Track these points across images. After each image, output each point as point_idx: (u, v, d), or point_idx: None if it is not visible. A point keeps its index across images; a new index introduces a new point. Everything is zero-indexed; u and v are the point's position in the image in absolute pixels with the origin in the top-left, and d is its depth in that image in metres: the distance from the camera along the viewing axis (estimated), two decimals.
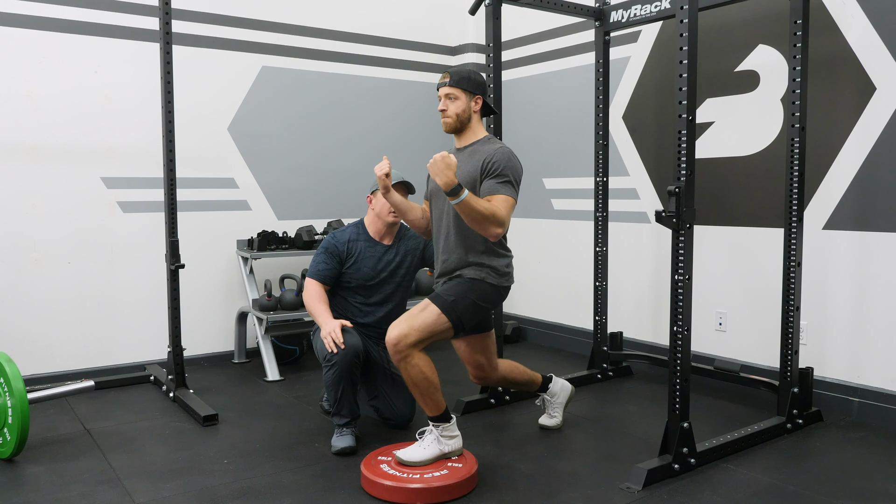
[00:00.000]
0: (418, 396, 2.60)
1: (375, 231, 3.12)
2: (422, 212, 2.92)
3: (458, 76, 2.69)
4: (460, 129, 2.73)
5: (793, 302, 3.11)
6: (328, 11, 4.75)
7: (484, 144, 2.70)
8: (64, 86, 3.86)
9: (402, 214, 2.92)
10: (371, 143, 4.91)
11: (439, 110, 2.72)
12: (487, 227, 2.48)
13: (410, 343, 2.52)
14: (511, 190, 2.57)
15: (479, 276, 2.66)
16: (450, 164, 2.40)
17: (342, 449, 2.85)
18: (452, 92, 2.68)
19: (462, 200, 2.40)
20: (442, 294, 2.64)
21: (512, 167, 2.60)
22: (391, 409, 3.13)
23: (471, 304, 2.64)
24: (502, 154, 2.61)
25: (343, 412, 2.91)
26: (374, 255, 3.10)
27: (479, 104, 2.73)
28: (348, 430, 2.92)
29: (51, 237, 3.86)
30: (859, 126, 3.22)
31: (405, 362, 2.54)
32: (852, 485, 2.56)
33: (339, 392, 2.86)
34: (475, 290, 2.65)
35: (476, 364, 2.97)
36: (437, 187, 2.70)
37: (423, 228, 2.95)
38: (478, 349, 2.93)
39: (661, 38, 4.05)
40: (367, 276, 3.08)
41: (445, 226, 2.72)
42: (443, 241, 2.73)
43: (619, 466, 2.71)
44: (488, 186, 2.57)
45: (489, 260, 2.67)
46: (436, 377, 2.59)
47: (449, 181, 2.39)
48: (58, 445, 3.00)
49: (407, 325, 2.54)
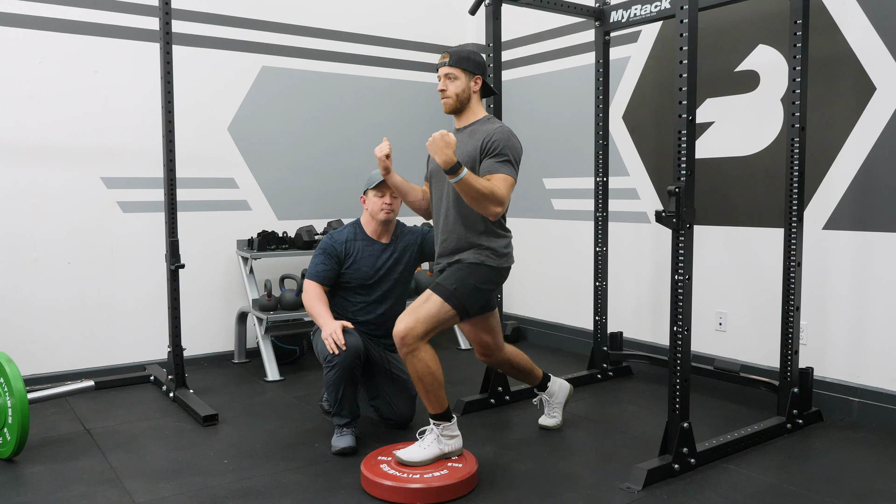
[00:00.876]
0: (422, 392, 2.60)
1: (372, 230, 3.12)
2: (422, 193, 2.93)
3: (458, 56, 2.68)
4: (460, 109, 2.73)
5: (793, 302, 3.11)
6: (328, 11, 4.75)
7: (483, 124, 2.70)
8: (64, 86, 3.86)
9: (403, 196, 2.91)
10: (371, 143, 4.87)
11: (439, 90, 2.72)
12: (487, 205, 2.49)
13: (418, 335, 2.53)
14: (510, 169, 2.57)
15: (478, 260, 2.66)
16: (449, 143, 2.40)
17: (342, 449, 2.85)
18: (452, 72, 2.68)
19: (461, 179, 2.40)
20: (443, 283, 2.64)
21: (511, 146, 2.60)
22: (391, 408, 3.13)
23: (472, 289, 2.64)
24: (502, 133, 2.61)
25: (343, 412, 2.91)
26: (372, 254, 3.10)
27: (478, 84, 2.73)
28: (348, 431, 2.92)
29: (51, 237, 3.86)
30: (859, 126, 3.22)
31: (412, 356, 2.55)
32: (852, 485, 2.56)
33: (339, 392, 2.86)
34: (475, 275, 2.65)
35: (481, 343, 2.98)
36: (436, 168, 2.71)
37: (424, 210, 2.95)
38: (482, 329, 2.94)
39: (661, 38, 4.05)
40: (367, 274, 3.08)
41: (445, 206, 2.72)
42: (442, 222, 2.74)
43: (619, 466, 2.71)
44: (488, 165, 2.57)
45: (488, 241, 2.67)
46: (441, 374, 2.60)
47: (448, 159, 2.39)
48: (58, 445, 3.00)
49: (413, 318, 2.55)
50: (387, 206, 3.04)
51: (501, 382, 3.50)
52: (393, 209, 3.05)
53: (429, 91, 5.15)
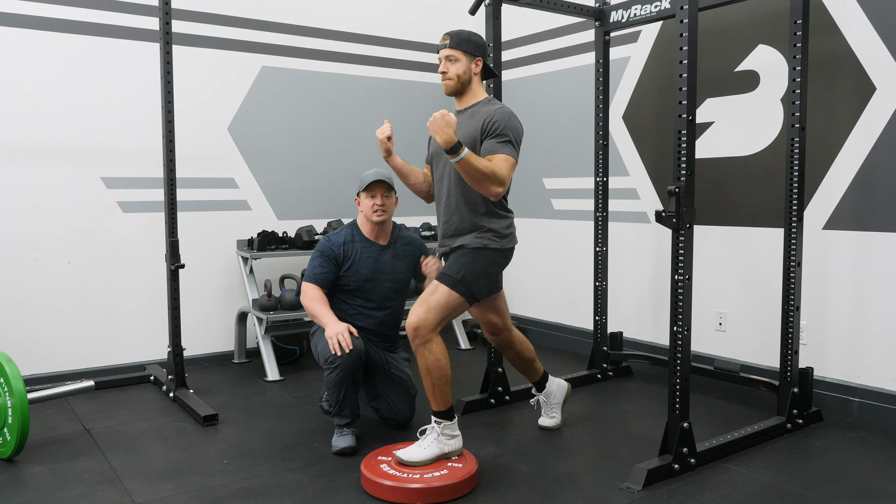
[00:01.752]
0: (428, 386, 2.60)
1: (369, 231, 3.11)
2: (423, 175, 2.94)
3: (459, 38, 2.68)
4: (461, 90, 2.73)
5: (793, 302, 3.11)
6: (328, 11, 4.75)
7: (484, 106, 2.70)
8: (64, 86, 3.86)
9: (404, 178, 2.91)
10: (371, 143, 4.86)
11: (439, 72, 2.72)
12: (488, 185, 2.49)
13: (431, 325, 2.55)
14: (511, 149, 2.58)
15: (480, 245, 2.67)
16: (449, 122, 2.40)
17: (343, 449, 2.85)
18: (453, 54, 2.68)
19: (462, 158, 2.41)
20: (448, 272, 2.65)
21: (512, 127, 2.61)
22: (391, 409, 3.13)
23: (478, 274, 2.66)
24: (502, 114, 2.62)
25: (344, 413, 2.91)
26: (371, 256, 3.09)
27: (479, 66, 2.73)
28: (349, 431, 2.92)
29: (51, 237, 3.86)
30: (859, 126, 3.22)
31: (424, 347, 2.56)
32: (852, 485, 2.56)
33: (341, 394, 2.87)
34: (480, 260, 2.67)
35: (489, 323, 2.98)
36: (437, 149, 2.72)
37: (425, 192, 2.95)
38: (489, 310, 2.95)
39: (661, 38, 4.05)
40: (366, 276, 3.07)
41: (446, 187, 2.72)
42: (444, 203, 2.74)
43: (619, 466, 2.71)
44: (489, 146, 2.57)
45: (490, 222, 2.68)
46: (449, 370, 2.61)
47: (449, 139, 2.39)
48: (58, 445, 3.00)
49: (424, 308, 2.57)
50: (379, 208, 3.02)
51: (501, 382, 3.50)
52: (386, 209, 3.03)
53: (429, 91, 5.15)
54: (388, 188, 3.03)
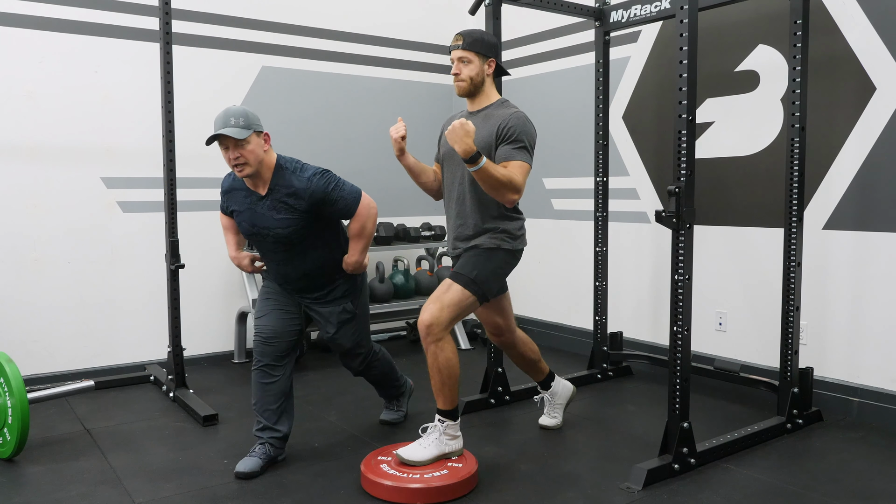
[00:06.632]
0: (437, 384, 2.60)
1: (247, 179, 2.74)
2: (433, 174, 2.92)
3: (471, 38, 2.67)
4: (474, 92, 2.73)
5: (793, 302, 3.11)
6: (328, 11, 4.75)
7: (497, 108, 2.70)
8: (64, 86, 3.86)
9: (415, 177, 2.88)
10: (371, 143, 4.90)
11: (452, 73, 2.72)
12: (504, 193, 2.51)
13: (444, 324, 2.56)
14: (526, 156, 2.59)
15: (494, 245, 2.68)
16: (469, 132, 2.40)
17: (238, 472, 2.64)
18: (465, 55, 2.67)
19: (480, 168, 2.42)
20: (461, 271, 2.66)
21: (527, 132, 2.61)
22: (325, 334, 2.93)
23: (490, 273, 2.67)
24: (517, 119, 2.62)
25: (263, 415, 2.77)
26: (248, 207, 2.74)
27: (492, 67, 2.72)
28: (259, 450, 2.71)
29: (51, 237, 3.86)
30: (859, 126, 3.22)
31: (437, 346, 2.56)
32: (852, 485, 2.56)
33: (257, 391, 2.77)
34: (492, 260, 2.68)
35: (493, 324, 2.98)
36: (450, 151, 2.72)
37: (435, 190, 2.94)
38: (495, 311, 2.95)
39: (661, 38, 4.05)
40: (247, 230, 2.77)
41: (460, 192, 2.73)
42: (456, 206, 2.75)
43: (619, 466, 2.71)
44: (504, 152, 2.58)
45: (503, 224, 2.70)
46: (458, 370, 2.62)
47: (468, 149, 2.39)
48: (58, 445, 3.00)
49: (437, 307, 2.57)
50: (234, 161, 2.60)
51: (501, 382, 3.50)
52: (246, 161, 2.60)
53: (429, 91, 5.15)
54: (235, 142, 2.58)
